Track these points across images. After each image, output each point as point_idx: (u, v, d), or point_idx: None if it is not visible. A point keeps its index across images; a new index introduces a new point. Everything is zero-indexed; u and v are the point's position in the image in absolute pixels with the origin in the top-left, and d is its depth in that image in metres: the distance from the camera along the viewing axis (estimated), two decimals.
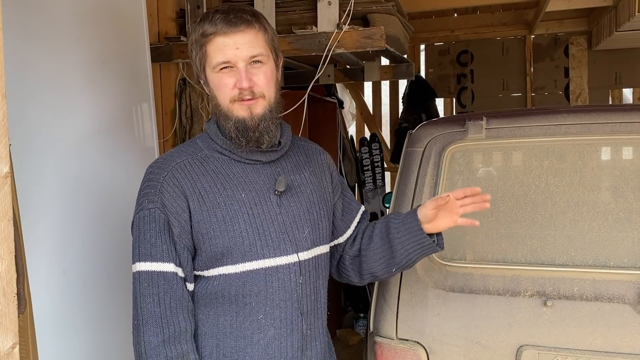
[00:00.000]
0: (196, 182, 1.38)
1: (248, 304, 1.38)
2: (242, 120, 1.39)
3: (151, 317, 1.32)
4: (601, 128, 1.84)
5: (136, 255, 1.37)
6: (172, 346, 1.32)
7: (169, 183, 1.37)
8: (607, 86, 5.22)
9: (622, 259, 1.70)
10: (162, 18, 2.74)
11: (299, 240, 1.43)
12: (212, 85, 1.43)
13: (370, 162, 5.34)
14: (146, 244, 1.35)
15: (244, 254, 1.37)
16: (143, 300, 1.33)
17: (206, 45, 1.39)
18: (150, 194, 1.37)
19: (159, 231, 1.35)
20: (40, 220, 1.68)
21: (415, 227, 1.49)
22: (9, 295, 1.08)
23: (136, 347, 1.35)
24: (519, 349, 1.66)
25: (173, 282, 1.35)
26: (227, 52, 1.36)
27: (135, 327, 1.36)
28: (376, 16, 2.55)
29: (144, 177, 1.42)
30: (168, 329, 1.33)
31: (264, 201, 1.41)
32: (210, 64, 1.39)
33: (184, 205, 1.36)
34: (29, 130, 1.67)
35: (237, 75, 1.37)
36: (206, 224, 1.36)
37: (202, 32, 1.38)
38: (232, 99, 1.39)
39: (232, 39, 1.36)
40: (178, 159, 1.42)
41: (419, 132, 2.02)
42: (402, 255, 1.51)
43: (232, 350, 1.40)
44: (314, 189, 1.52)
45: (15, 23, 1.65)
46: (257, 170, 1.44)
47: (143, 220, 1.36)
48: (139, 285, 1.35)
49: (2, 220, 1.07)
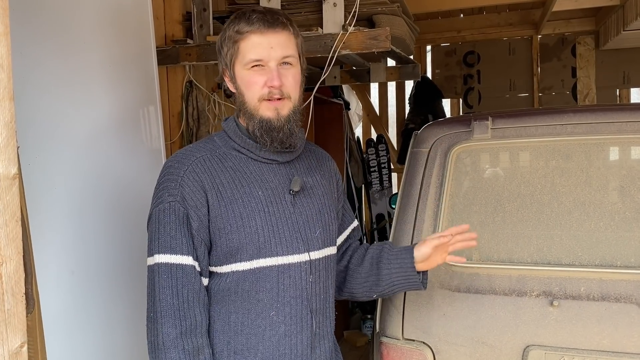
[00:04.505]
0: (215, 177, 1.40)
1: (260, 300, 1.40)
2: (267, 120, 1.42)
3: (170, 309, 1.33)
4: (607, 127, 1.83)
5: (155, 247, 1.37)
6: (188, 339, 1.33)
7: (189, 177, 1.38)
8: (615, 86, 5.20)
9: (629, 259, 1.69)
10: (168, 21, 2.76)
11: (311, 240, 1.46)
12: (240, 82, 1.44)
13: (377, 164, 5.34)
14: (166, 236, 1.36)
15: (259, 250, 1.39)
16: (162, 292, 1.34)
17: (241, 42, 1.41)
18: (171, 187, 1.38)
19: (178, 224, 1.36)
20: (48, 222, 1.70)
21: (409, 264, 1.55)
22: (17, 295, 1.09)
23: (153, 339, 1.34)
24: (525, 349, 1.66)
25: (191, 275, 1.36)
26: (261, 51, 1.40)
27: (151, 320, 1.35)
28: (381, 17, 2.55)
29: (162, 170, 1.44)
30: (185, 322, 1.34)
31: (279, 200, 1.44)
32: (242, 61, 1.42)
33: (203, 199, 1.37)
34: (37, 133, 1.69)
35: (268, 74, 1.40)
36: (223, 219, 1.38)
37: (237, 29, 1.41)
38: (261, 97, 1.41)
39: (267, 38, 1.40)
40: (197, 154, 1.43)
41: (424, 132, 2.02)
42: (387, 285, 1.57)
43: (243, 347, 1.41)
44: (324, 191, 1.55)
45: (23, 26, 1.67)
46: (273, 169, 1.47)
47: (163, 212, 1.37)
48: (158, 277, 1.35)
49: (11, 221, 1.08)
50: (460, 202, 1.89)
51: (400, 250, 1.58)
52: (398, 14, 2.67)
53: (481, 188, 1.91)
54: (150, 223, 1.40)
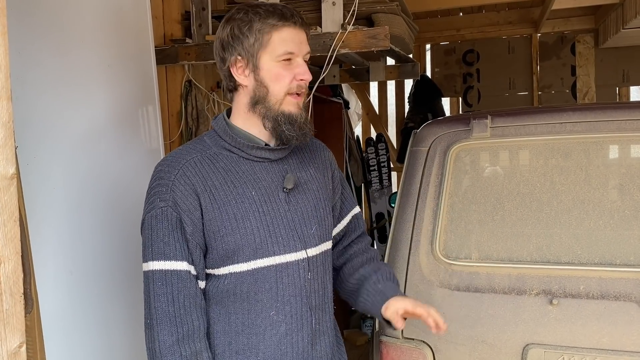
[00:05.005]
0: (207, 179, 1.38)
1: (260, 300, 1.39)
2: (290, 114, 1.42)
3: (165, 316, 1.33)
4: (606, 126, 1.83)
5: (149, 254, 1.36)
6: (186, 345, 1.33)
7: (180, 181, 1.37)
8: (615, 84, 5.19)
9: (628, 257, 1.69)
10: (167, 20, 2.76)
11: (307, 237, 1.45)
12: (265, 74, 1.41)
13: (376, 162, 5.34)
14: (159, 242, 1.35)
15: (255, 251, 1.38)
16: (157, 300, 1.33)
17: (274, 32, 1.40)
18: (162, 192, 1.36)
19: (171, 230, 1.34)
20: (47, 222, 1.70)
21: (378, 306, 1.48)
22: (15, 295, 1.09)
23: (150, 346, 1.34)
24: (525, 348, 1.66)
25: (187, 280, 1.35)
26: (293, 45, 1.41)
27: (148, 326, 1.35)
28: (380, 16, 2.55)
29: (153, 175, 1.42)
30: (182, 328, 1.33)
31: (273, 199, 1.43)
32: (274, 52, 1.40)
33: (195, 203, 1.36)
34: (35, 133, 1.69)
35: (298, 69, 1.41)
36: (217, 222, 1.37)
37: (271, 22, 1.40)
38: (289, 91, 1.42)
39: (297, 34, 1.42)
40: (187, 157, 1.41)
41: (423, 131, 2.02)
42: (361, 306, 1.57)
43: (245, 348, 1.40)
44: (319, 185, 1.54)
45: (21, 26, 1.66)
46: (265, 168, 1.45)
47: (155, 218, 1.35)
48: (153, 284, 1.34)
49: (9, 221, 1.08)
50: (460, 201, 1.89)
51: (379, 292, 1.51)
52: (397, 13, 2.67)
53: (480, 187, 1.91)
54: (143, 229, 1.39)
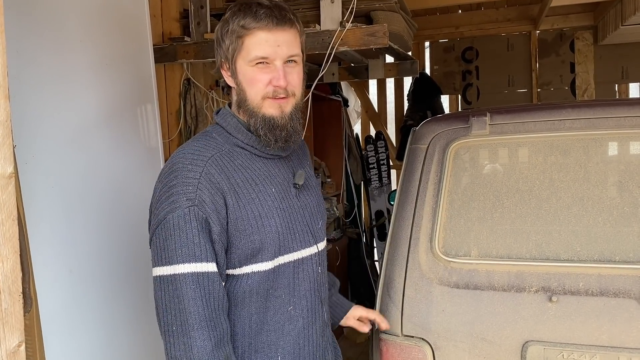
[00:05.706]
0: (230, 178, 1.34)
1: (278, 297, 1.39)
2: (271, 117, 1.38)
3: (203, 321, 1.25)
4: (606, 123, 1.83)
5: (176, 257, 1.26)
6: (221, 349, 1.27)
7: (206, 179, 1.30)
8: (614, 81, 5.19)
9: (627, 254, 1.69)
10: (165, 19, 2.75)
11: (316, 232, 1.48)
12: (242, 78, 1.39)
13: (375, 160, 5.34)
14: (189, 244, 1.26)
15: (279, 248, 1.37)
16: (193, 304, 1.25)
17: (246, 37, 1.35)
18: (188, 192, 1.28)
19: (200, 230, 1.27)
20: (46, 220, 1.69)
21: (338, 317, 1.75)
22: (14, 294, 1.09)
23: (180, 354, 1.24)
24: (524, 345, 1.66)
25: (216, 282, 1.29)
26: (267, 48, 1.35)
27: (175, 334, 1.25)
28: (379, 14, 2.55)
29: (171, 172, 1.32)
30: (216, 331, 1.27)
31: (288, 195, 1.43)
32: (246, 57, 1.36)
33: (222, 202, 1.30)
34: (33, 132, 1.69)
35: (274, 73, 1.36)
36: (244, 221, 1.32)
37: (243, 24, 1.35)
38: (265, 95, 1.37)
39: (274, 35, 1.35)
40: (207, 154, 1.35)
41: (422, 129, 2.02)
42: None
43: (264, 345, 1.39)
44: (315, 182, 1.58)
45: (19, 24, 1.66)
46: (276, 164, 1.45)
47: (183, 219, 1.26)
48: (185, 288, 1.25)
49: (7, 220, 1.08)
50: (459, 198, 1.88)
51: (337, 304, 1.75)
52: (396, 10, 2.67)
53: (480, 184, 1.90)
54: (164, 230, 1.28)
